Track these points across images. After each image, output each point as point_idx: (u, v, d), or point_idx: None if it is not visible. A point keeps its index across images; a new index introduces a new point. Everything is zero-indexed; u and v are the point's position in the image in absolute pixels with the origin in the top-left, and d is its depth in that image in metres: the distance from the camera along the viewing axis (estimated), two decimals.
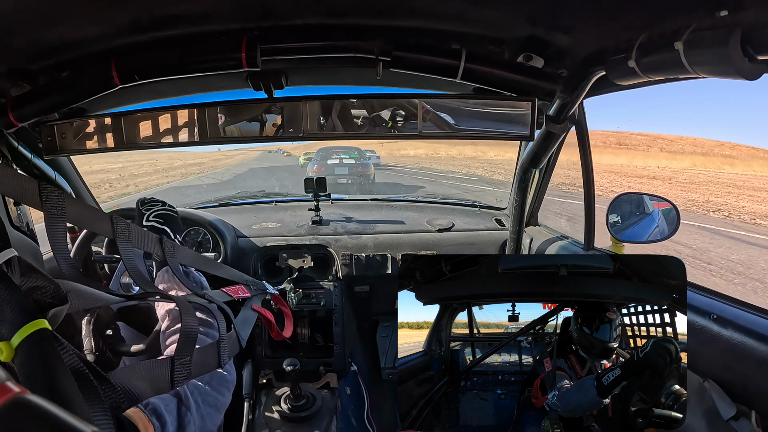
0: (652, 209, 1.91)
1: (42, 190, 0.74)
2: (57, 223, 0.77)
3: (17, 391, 0.37)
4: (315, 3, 1.22)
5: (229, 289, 1.32)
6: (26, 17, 1.13)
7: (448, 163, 27.65)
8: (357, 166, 13.72)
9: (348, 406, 2.33)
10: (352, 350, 2.57)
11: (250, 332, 1.22)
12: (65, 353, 0.58)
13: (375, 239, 2.53)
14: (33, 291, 0.63)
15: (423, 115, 1.52)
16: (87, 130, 1.66)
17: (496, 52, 1.44)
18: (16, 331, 0.54)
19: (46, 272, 0.65)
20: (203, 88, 1.78)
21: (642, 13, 1.10)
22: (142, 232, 1.04)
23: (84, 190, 2.34)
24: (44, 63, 1.43)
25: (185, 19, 1.28)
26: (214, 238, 2.39)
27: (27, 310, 0.57)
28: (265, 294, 1.58)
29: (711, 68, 0.95)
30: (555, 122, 1.57)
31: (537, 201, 2.39)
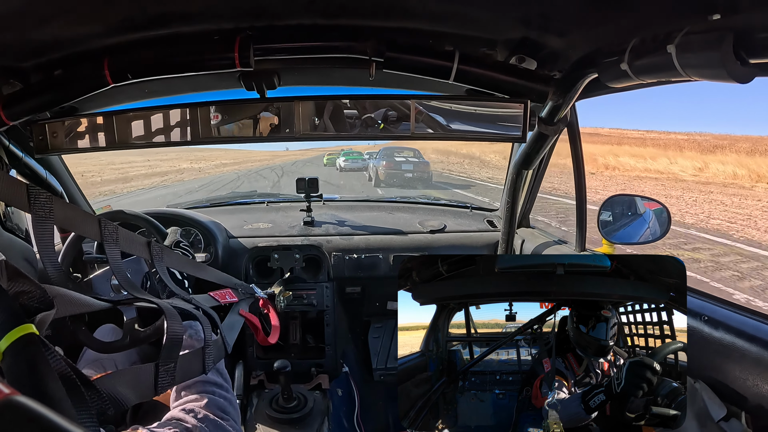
0: (644, 210, 1.92)
1: (30, 192, 0.74)
2: (45, 225, 0.77)
3: (7, 392, 0.36)
4: (309, 3, 1.22)
5: (217, 294, 1.32)
6: (18, 15, 1.12)
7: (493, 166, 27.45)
8: (420, 164, 17.00)
9: (339, 407, 2.32)
10: (344, 351, 2.57)
11: (236, 337, 1.23)
12: (52, 358, 0.58)
13: (366, 240, 2.53)
14: (20, 295, 0.63)
15: (416, 116, 1.52)
16: (78, 129, 1.65)
17: (489, 53, 1.45)
18: (3, 335, 0.55)
19: (36, 274, 0.65)
20: (196, 87, 1.77)
21: (635, 17, 1.11)
22: (130, 236, 1.03)
23: (75, 189, 2.32)
24: (36, 61, 1.42)
25: (178, 18, 1.27)
26: (206, 238, 2.38)
27: (14, 314, 0.57)
28: (253, 298, 1.58)
29: (703, 71, 0.96)
30: (547, 124, 1.58)
31: (529, 202, 2.39)
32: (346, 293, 2.54)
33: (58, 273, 0.81)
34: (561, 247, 2.11)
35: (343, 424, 2.27)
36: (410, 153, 17.56)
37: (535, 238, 2.30)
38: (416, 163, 17.04)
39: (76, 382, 0.60)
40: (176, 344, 0.91)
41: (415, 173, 16.74)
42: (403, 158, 16.95)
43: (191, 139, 1.57)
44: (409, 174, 16.58)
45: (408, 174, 16.58)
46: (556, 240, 2.21)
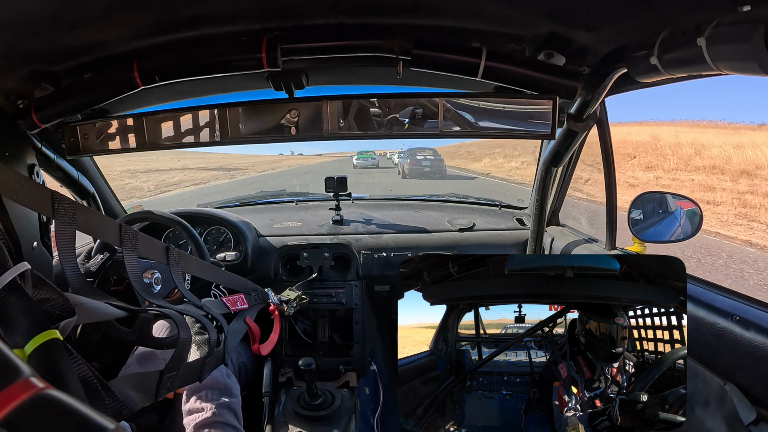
0: (675, 208, 1.88)
1: (54, 198, 0.76)
2: (67, 231, 0.79)
3: (41, 386, 0.37)
4: (335, 2, 1.22)
5: (228, 299, 1.36)
6: (49, 20, 1.15)
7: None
8: (436, 161, 21.10)
9: (367, 405, 2.31)
10: (372, 349, 2.56)
11: (236, 344, 1.28)
12: (75, 363, 0.60)
13: (395, 239, 2.52)
14: (43, 302, 0.65)
15: (444, 113, 1.51)
16: (109, 131, 1.69)
17: (516, 50, 1.43)
18: (29, 339, 0.57)
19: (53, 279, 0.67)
20: (224, 88, 1.79)
21: (664, 9, 1.08)
22: (149, 241, 1.06)
23: (106, 189, 2.38)
24: (67, 65, 1.45)
25: (206, 20, 1.29)
26: (236, 237, 2.40)
27: (39, 320, 0.60)
28: (264, 303, 1.60)
29: (734, 64, 0.93)
30: (576, 120, 1.55)
31: (558, 200, 2.36)
32: (375, 292, 2.52)
33: (77, 278, 0.85)
34: (591, 246, 2.07)
35: (370, 422, 2.27)
36: (429, 152, 21.57)
37: (564, 237, 2.26)
38: (433, 160, 21.05)
39: (96, 386, 0.63)
40: (183, 354, 0.96)
41: (432, 168, 20.78)
42: (422, 156, 21.04)
43: (220, 140, 1.59)
44: (427, 169, 20.65)
45: (426, 169, 20.63)
46: (586, 238, 2.17)
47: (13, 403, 0.35)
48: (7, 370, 0.38)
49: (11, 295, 0.59)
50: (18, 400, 0.36)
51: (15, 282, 0.61)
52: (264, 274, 2.36)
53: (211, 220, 2.43)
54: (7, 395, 0.36)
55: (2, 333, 0.58)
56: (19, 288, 0.61)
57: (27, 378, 0.38)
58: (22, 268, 0.63)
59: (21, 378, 0.38)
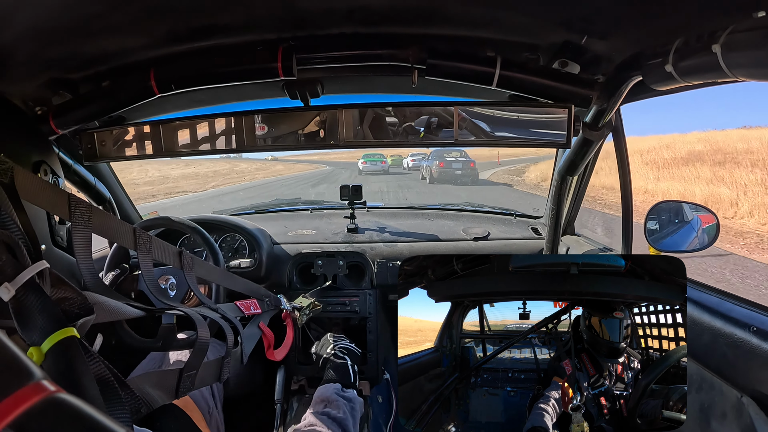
0: (692, 218, 1.86)
1: (71, 201, 0.77)
2: (83, 233, 0.80)
3: (53, 390, 0.37)
4: (350, 12, 1.23)
5: (242, 304, 1.36)
6: (69, 30, 1.17)
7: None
8: (467, 163, 19.57)
9: (379, 414, 2.30)
10: (386, 358, 2.54)
11: (252, 348, 1.27)
12: (92, 361, 0.61)
13: (410, 247, 2.51)
14: (61, 301, 0.66)
15: (459, 122, 1.50)
16: (126, 138, 1.70)
17: (531, 58, 1.43)
18: (46, 337, 0.58)
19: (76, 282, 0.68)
20: (240, 96, 1.80)
21: (678, 16, 1.08)
22: (163, 245, 1.06)
23: (122, 195, 2.41)
24: (85, 73, 1.47)
25: (222, 29, 1.30)
26: (250, 245, 2.41)
27: (56, 318, 0.60)
28: (278, 309, 1.60)
29: (750, 71, 0.92)
30: (592, 129, 1.54)
31: (574, 210, 2.33)
32: (389, 300, 2.50)
33: (93, 279, 0.85)
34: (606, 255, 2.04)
35: (383, 431, 2.25)
36: (458, 153, 19.87)
37: (580, 246, 2.24)
38: (464, 162, 19.52)
39: (113, 383, 0.62)
40: (202, 354, 0.97)
41: (464, 170, 19.23)
42: (453, 158, 19.38)
43: (236, 147, 1.60)
44: (458, 171, 19.17)
45: (458, 171, 19.16)
46: (601, 248, 2.14)
47: (22, 406, 0.35)
48: (19, 372, 0.38)
49: (29, 293, 0.60)
50: (28, 403, 0.35)
51: (33, 280, 0.61)
52: (278, 282, 2.36)
53: (227, 227, 2.44)
54: (17, 398, 0.35)
55: (20, 331, 0.59)
56: (37, 286, 0.62)
57: (38, 381, 0.37)
58: (41, 266, 0.63)
59: (32, 381, 0.37)
